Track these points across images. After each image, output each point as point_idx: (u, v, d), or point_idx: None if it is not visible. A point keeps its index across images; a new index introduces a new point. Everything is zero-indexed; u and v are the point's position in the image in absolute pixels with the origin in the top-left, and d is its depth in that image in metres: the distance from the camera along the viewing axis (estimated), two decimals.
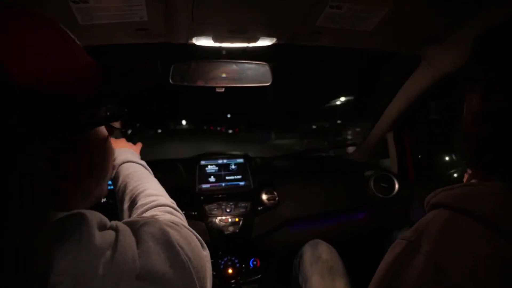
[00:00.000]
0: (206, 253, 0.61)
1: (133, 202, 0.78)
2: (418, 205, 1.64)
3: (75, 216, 0.42)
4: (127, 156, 0.98)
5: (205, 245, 0.62)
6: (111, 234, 0.45)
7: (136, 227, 0.49)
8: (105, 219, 0.47)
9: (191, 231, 0.62)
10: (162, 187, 0.85)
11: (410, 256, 0.53)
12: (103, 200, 1.43)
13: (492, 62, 0.58)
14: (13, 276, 0.29)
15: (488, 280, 0.47)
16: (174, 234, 0.52)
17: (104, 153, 0.55)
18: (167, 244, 0.48)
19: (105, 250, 0.42)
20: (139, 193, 0.80)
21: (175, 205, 0.75)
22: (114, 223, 0.48)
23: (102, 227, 0.46)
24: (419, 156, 1.78)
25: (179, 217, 0.71)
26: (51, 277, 0.35)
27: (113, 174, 0.95)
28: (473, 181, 0.61)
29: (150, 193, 0.79)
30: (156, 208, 0.72)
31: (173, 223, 0.58)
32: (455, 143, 0.69)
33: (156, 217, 0.65)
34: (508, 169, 0.53)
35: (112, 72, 0.50)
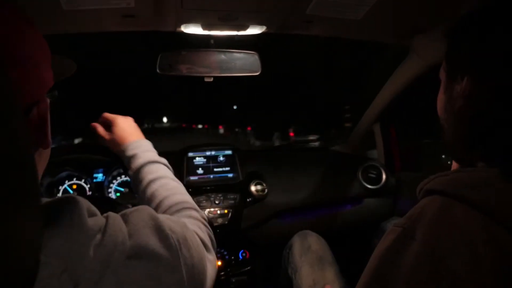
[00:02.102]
0: (211, 256, 0.62)
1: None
2: (404, 196, 1.67)
3: (66, 200, 0.42)
4: (149, 155, 0.85)
5: (211, 248, 0.64)
6: (101, 219, 0.46)
7: (125, 214, 0.50)
8: (94, 208, 0.48)
9: (209, 236, 0.66)
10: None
11: (405, 243, 0.52)
12: (89, 193, 1.41)
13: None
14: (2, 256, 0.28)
15: (484, 268, 0.47)
16: (165, 221, 0.52)
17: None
18: (157, 228, 0.49)
19: (96, 233, 0.42)
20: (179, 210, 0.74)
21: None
22: (104, 214, 0.49)
23: (92, 214, 0.46)
24: (406, 146, 1.80)
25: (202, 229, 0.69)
26: (41, 259, 0.34)
27: (135, 173, 0.82)
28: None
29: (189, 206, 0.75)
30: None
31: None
32: (443, 133, 0.67)
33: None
34: (506, 154, 0.53)
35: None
